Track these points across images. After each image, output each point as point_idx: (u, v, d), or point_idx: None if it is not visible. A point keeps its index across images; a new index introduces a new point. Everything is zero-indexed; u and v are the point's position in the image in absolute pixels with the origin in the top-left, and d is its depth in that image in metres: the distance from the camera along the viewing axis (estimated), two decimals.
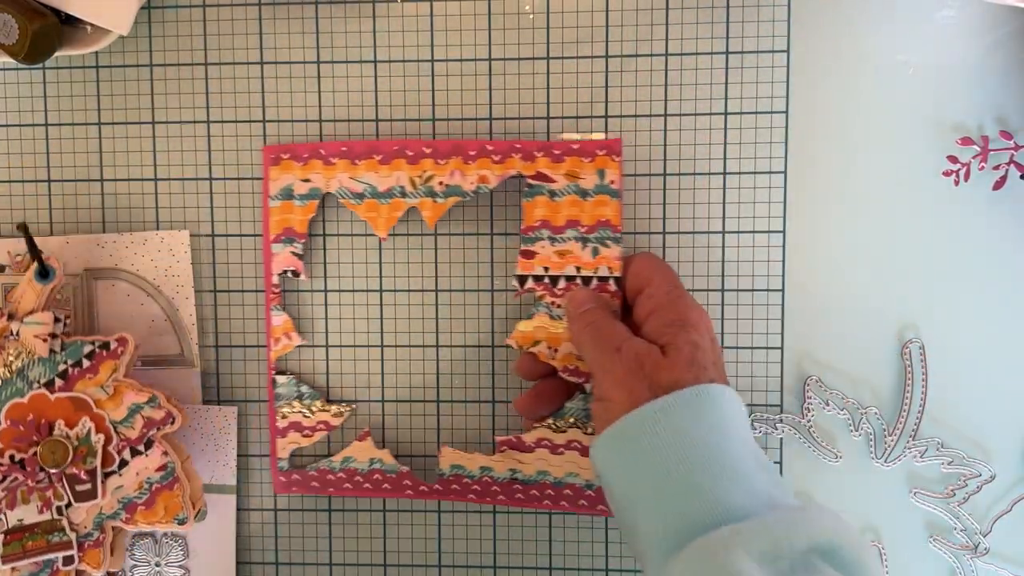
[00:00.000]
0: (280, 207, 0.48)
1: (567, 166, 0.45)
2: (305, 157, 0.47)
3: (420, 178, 0.46)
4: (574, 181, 0.45)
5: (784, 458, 0.48)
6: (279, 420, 0.49)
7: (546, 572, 0.50)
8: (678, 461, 0.36)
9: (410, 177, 0.47)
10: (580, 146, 0.45)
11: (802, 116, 0.46)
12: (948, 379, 0.46)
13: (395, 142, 0.47)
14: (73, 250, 0.50)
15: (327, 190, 0.47)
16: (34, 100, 0.50)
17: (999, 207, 0.46)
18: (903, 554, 0.47)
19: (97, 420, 0.46)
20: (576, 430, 0.46)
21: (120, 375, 0.46)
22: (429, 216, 0.47)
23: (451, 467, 0.48)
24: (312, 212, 0.48)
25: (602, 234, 0.45)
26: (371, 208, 0.47)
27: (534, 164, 0.46)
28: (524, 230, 0.46)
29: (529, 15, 0.47)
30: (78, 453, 0.45)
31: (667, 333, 0.40)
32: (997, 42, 0.45)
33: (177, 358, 0.50)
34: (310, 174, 0.47)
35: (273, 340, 0.49)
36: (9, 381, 0.45)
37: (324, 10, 0.48)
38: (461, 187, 0.46)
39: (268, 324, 0.49)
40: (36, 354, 0.45)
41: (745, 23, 0.46)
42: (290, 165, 0.47)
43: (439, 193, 0.46)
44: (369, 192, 0.47)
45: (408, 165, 0.46)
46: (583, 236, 0.45)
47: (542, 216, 0.46)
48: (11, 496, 0.46)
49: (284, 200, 0.47)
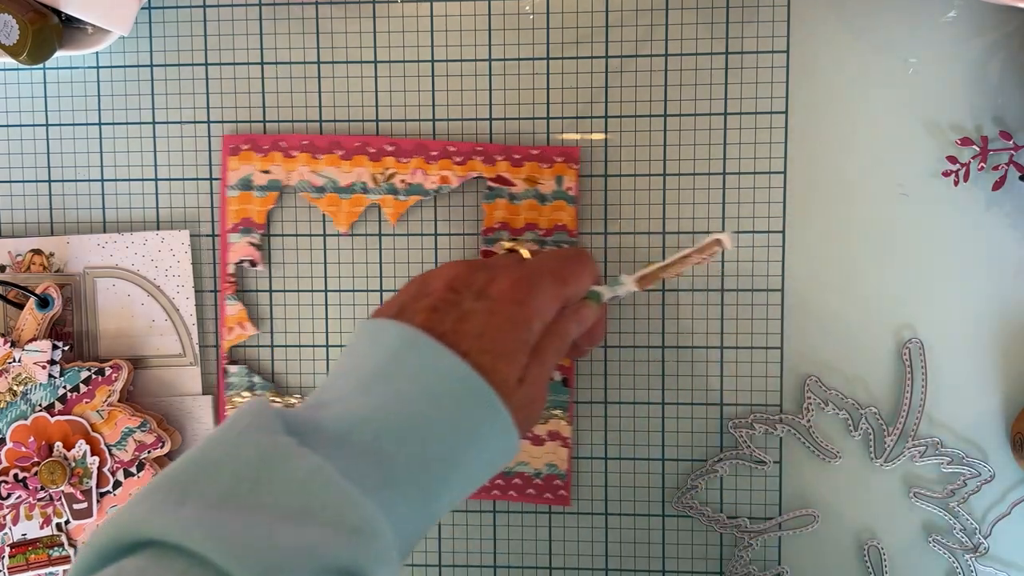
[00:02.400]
0: (238, 197, 0.48)
1: (527, 171, 0.46)
2: (265, 148, 0.48)
3: (382, 175, 0.47)
4: (533, 186, 0.47)
5: (784, 458, 0.48)
6: (228, 409, 0.49)
7: (546, 572, 0.50)
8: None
9: (372, 174, 0.47)
10: (540, 152, 0.46)
11: (802, 116, 0.46)
12: (947, 379, 0.46)
13: (357, 138, 0.47)
14: (73, 250, 0.50)
15: (287, 183, 0.48)
16: (34, 100, 0.50)
17: (999, 207, 0.46)
18: (902, 554, 0.47)
19: (93, 443, 0.48)
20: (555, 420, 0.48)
21: (114, 400, 0.48)
22: (391, 213, 0.47)
23: None
24: (271, 204, 0.48)
25: (558, 238, 0.47)
26: (332, 202, 0.48)
27: (495, 168, 0.47)
28: (484, 231, 0.47)
29: (529, 15, 0.47)
30: (75, 474, 0.48)
31: None
32: (997, 42, 0.45)
33: (177, 358, 0.50)
34: (270, 166, 0.48)
35: (226, 329, 0.49)
36: (14, 404, 0.48)
37: (324, 10, 0.48)
38: (423, 186, 0.47)
39: (222, 313, 0.49)
40: (36, 380, 0.47)
41: (745, 23, 0.46)
42: (250, 156, 0.48)
43: (401, 191, 0.47)
44: (330, 186, 0.47)
45: (370, 162, 0.47)
46: (540, 239, 0.47)
47: (502, 218, 0.47)
48: (15, 512, 0.48)
49: (243, 190, 0.48)
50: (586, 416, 0.48)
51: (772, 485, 0.48)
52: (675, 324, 0.48)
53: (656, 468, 0.48)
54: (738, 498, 0.48)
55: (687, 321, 0.48)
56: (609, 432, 0.48)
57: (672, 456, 0.48)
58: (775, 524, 0.48)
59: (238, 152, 0.48)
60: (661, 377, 0.48)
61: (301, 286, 0.49)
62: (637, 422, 0.48)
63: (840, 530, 0.48)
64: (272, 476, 0.28)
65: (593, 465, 0.49)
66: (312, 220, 0.49)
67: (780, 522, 0.48)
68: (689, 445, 0.48)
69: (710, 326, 0.47)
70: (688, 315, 0.48)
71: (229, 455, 0.29)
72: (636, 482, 0.49)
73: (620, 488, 0.49)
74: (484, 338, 0.34)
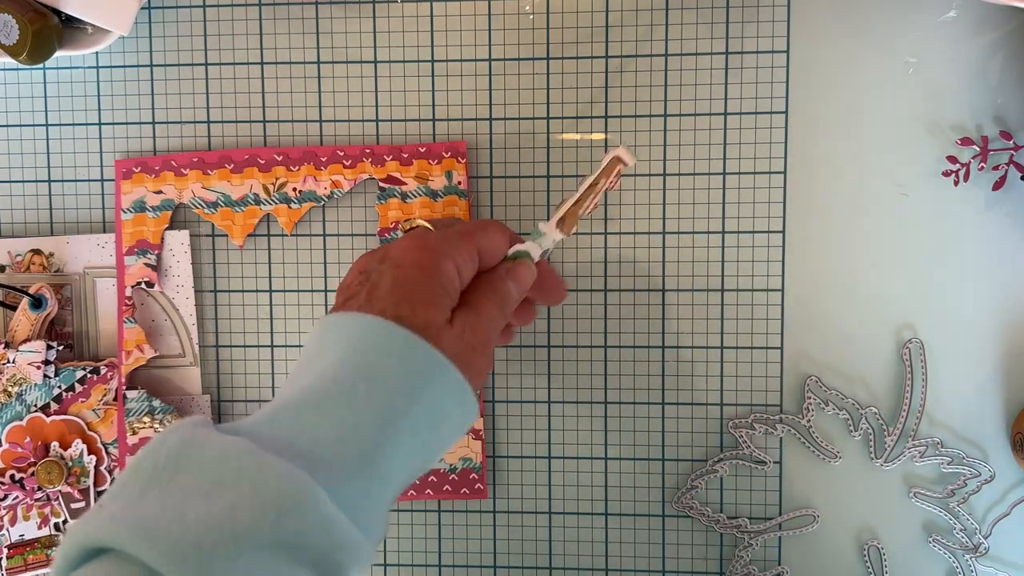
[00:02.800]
0: (133, 219, 0.48)
1: (416, 169, 0.47)
2: (156, 169, 0.48)
3: (273, 185, 0.48)
4: (424, 183, 0.47)
5: (784, 458, 0.48)
6: (129, 436, 0.48)
7: (546, 572, 0.50)
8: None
9: (263, 184, 0.48)
10: (427, 149, 0.47)
11: (802, 116, 0.46)
12: (947, 379, 0.46)
13: (246, 151, 0.48)
14: (73, 250, 0.50)
15: (180, 200, 0.48)
16: (34, 100, 0.50)
17: (999, 207, 0.46)
18: (902, 554, 0.47)
19: (89, 441, 0.48)
20: None
21: (110, 398, 0.48)
22: (285, 222, 0.48)
23: None
24: (165, 223, 0.48)
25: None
26: (225, 216, 0.48)
27: (384, 168, 0.47)
28: (380, 231, 0.48)
29: (529, 15, 0.47)
30: (72, 473, 0.48)
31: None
32: (997, 42, 0.45)
33: (177, 358, 0.50)
34: (162, 186, 0.48)
35: (125, 353, 0.49)
36: (8, 405, 0.48)
37: (324, 10, 0.48)
38: (315, 192, 0.48)
39: (120, 337, 0.49)
40: (31, 380, 0.47)
41: (745, 23, 0.46)
42: (141, 178, 0.48)
43: (293, 199, 0.48)
44: (223, 200, 0.48)
45: (260, 173, 0.48)
46: None
47: (396, 217, 0.47)
48: (12, 513, 0.48)
49: (137, 212, 0.48)
50: (586, 416, 0.48)
51: (772, 485, 0.48)
52: (675, 324, 0.48)
53: (656, 468, 0.48)
54: (738, 498, 0.48)
55: (687, 321, 0.48)
56: (609, 432, 0.48)
57: (672, 456, 0.48)
58: (775, 524, 0.48)
59: (130, 175, 0.48)
60: (661, 377, 0.48)
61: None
62: (637, 422, 0.48)
63: (840, 530, 0.48)
64: (190, 460, 0.28)
65: (593, 465, 0.49)
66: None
67: (780, 522, 0.48)
68: (689, 445, 0.48)
69: (710, 326, 0.47)
70: (688, 315, 0.48)
71: (152, 451, 0.29)
72: (636, 482, 0.49)
73: (620, 488, 0.49)
74: (395, 291, 0.34)
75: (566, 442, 0.49)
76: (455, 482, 0.48)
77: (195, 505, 0.27)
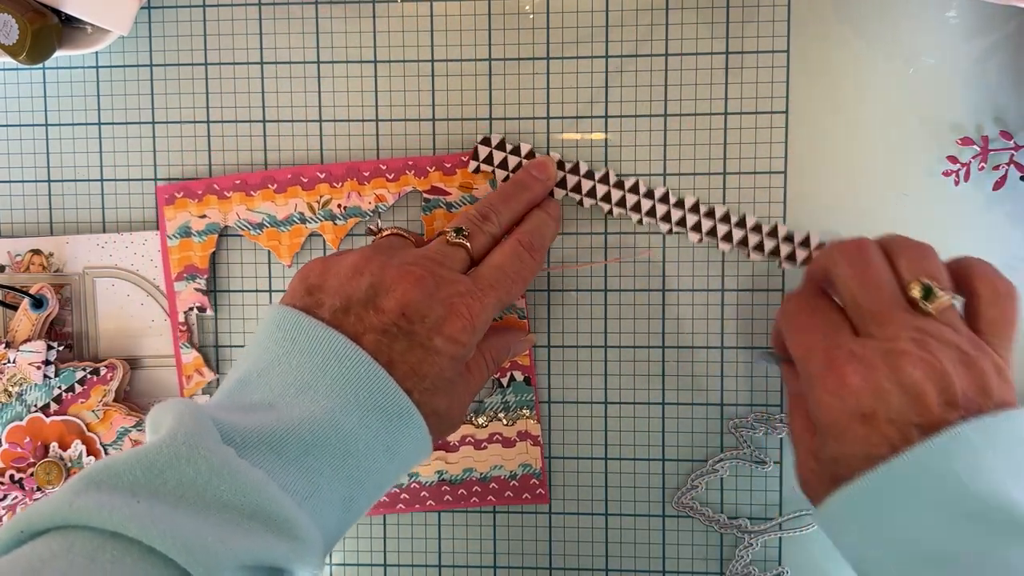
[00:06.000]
0: (179, 245, 0.48)
1: (459, 178, 0.47)
2: (199, 193, 0.48)
3: (318, 203, 0.47)
4: (468, 192, 0.47)
5: (784, 458, 0.48)
6: None
7: (546, 572, 0.50)
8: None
9: (308, 203, 0.47)
10: (469, 158, 0.47)
11: (802, 116, 0.46)
12: None
13: (288, 170, 0.47)
14: (72, 250, 0.50)
15: (225, 223, 0.48)
16: (34, 100, 0.50)
17: (999, 207, 0.46)
18: None
19: (88, 443, 0.48)
20: (498, 423, 0.48)
21: (110, 400, 0.48)
22: (332, 239, 0.48)
23: None
24: (212, 247, 0.48)
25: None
26: (272, 237, 0.48)
27: (427, 179, 0.47)
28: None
29: (529, 15, 0.47)
30: (71, 474, 0.48)
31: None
32: (997, 42, 0.45)
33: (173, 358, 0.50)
34: (206, 210, 0.48)
35: (185, 378, 0.49)
36: (9, 405, 0.48)
37: (324, 10, 0.48)
38: (360, 207, 0.47)
39: (178, 362, 0.49)
40: (31, 380, 0.47)
41: (745, 23, 0.46)
42: (185, 203, 0.48)
43: (339, 215, 0.47)
44: (268, 221, 0.48)
45: (304, 191, 0.47)
46: None
47: (442, 228, 0.47)
48: (11, 513, 0.48)
49: (183, 238, 0.48)
50: (586, 416, 0.48)
51: (772, 485, 0.48)
52: (675, 324, 0.48)
53: (656, 468, 0.48)
54: (738, 498, 0.48)
55: (687, 321, 0.48)
56: (609, 432, 0.48)
57: (672, 456, 0.48)
58: (775, 524, 0.48)
59: (173, 201, 0.48)
60: (661, 377, 0.48)
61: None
62: (637, 422, 0.48)
63: None
64: (219, 486, 0.30)
65: (593, 465, 0.49)
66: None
67: (780, 522, 0.48)
68: (689, 445, 0.48)
69: (710, 326, 0.47)
70: (688, 315, 0.48)
71: (176, 462, 0.30)
72: (636, 482, 0.49)
73: (620, 488, 0.49)
74: (427, 379, 0.36)
75: (566, 442, 0.49)
76: (516, 488, 0.48)
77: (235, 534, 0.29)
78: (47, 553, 0.27)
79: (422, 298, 0.36)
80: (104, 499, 0.28)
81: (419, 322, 0.36)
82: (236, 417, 0.33)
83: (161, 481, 0.29)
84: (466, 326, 0.37)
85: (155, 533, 0.27)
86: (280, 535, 0.30)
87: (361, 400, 0.34)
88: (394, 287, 0.36)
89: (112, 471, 0.30)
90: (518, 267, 0.40)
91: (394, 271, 0.37)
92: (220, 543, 0.28)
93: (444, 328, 0.36)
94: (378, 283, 0.36)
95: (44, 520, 0.29)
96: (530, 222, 0.43)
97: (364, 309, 0.36)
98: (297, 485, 0.32)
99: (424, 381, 0.36)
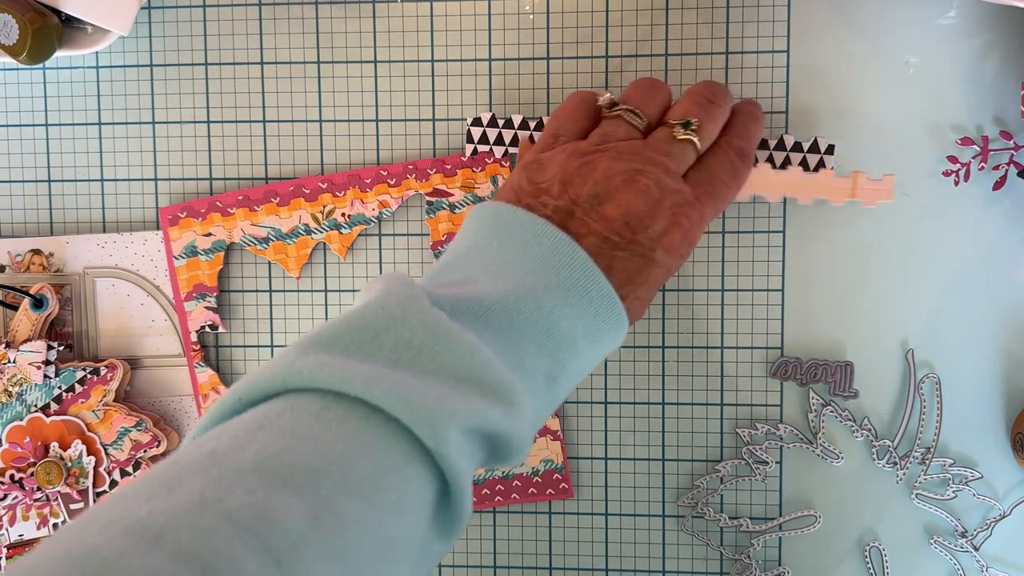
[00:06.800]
0: (186, 265, 0.48)
1: (460, 178, 0.47)
2: (202, 212, 0.48)
3: (322, 213, 0.47)
4: (470, 191, 0.47)
5: (785, 459, 0.48)
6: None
7: (546, 572, 0.50)
8: None
9: (312, 213, 0.47)
10: (470, 158, 0.46)
11: (802, 116, 0.46)
12: (947, 379, 0.46)
13: (290, 183, 0.48)
14: (73, 250, 0.50)
15: (231, 240, 0.48)
16: (34, 100, 0.50)
17: (999, 207, 0.46)
18: (903, 555, 0.47)
19: (88, 442, 0.48)
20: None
21: (110, 400, 0.48)
22: (338, 248, 0.48)
23: None
24: (220, 264, 0.48)
25: None
26: (279, 250, 0.48)
27: (429, 182, 0.47)
28: (433, 245, 0.47)
29: (529, 15, 0.47)
30: (71, 474, 0.48)
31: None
32: (997, 42, 0.45)
33: (176, 358, 0.50)
34: (210, 228, 0.48)
35: (201, 397, 0.49)
36: (9, 405, 0.48)
37: (324, 10, 0.48)
38: (363, 215, 0.47)
39: (193, 382, 0.49)
40: (31, 380, 0.47)
41: (745, 23, 0.46)
42: (189, 223, 0.48)
43: (343, 224, 0.47)
44: (274, 234, 0.48)
45: (307, 203, 0.47)
46: None
47: (447, 230, 0.47)
48: (12, 513, 0.48)
49: (189, 257, 0.48)
50: (586, 416, 0.48)
51: (773, 486, 0.48)
52: (675, 324, 0.48)
53: (656, 468, 0.48)
54: (739, 498, 0.48)
55: (687, 321, 0.48)
56: (609, 432, 0.48)
57: (672, 456, 0.48)
58: (776, 525, 0.48)
59: (176, 221, 0.48)
60: (661, 377, 0.48)
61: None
62: (637, 422, 0.48)
63: (841, 531, 0.48)
64: (434, 347, 0.29)
65: (593, 465, 0.49)
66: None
67: (781, 523, 0.48)
68: (690, 446, 0.48)
69: (710, 326, 0.47)
70: (688, 315, 0.48)
71: (391, 323, 0.30)
72: (636, 482, 0.49)
73: (620, 488, 0.49)
74: (639, 288, 0.36)
75: (565, 442, 0.49)
76: (539, 484, 0.48)
77: (452, 394, 0.29)
78: (272, 413, 0.27)
79: (646, 208, 0.35)
80: (325, 359, 0.28)
81: (642, 232, 0.35)
82: (440, 290, 0.33)
83: (377, 344, 0.29)
84: (686, 237, 0.36)
85: (379, 392, 0.27)
86: (495, 399, 0.29)
87: (562, 280, 0.34)
88: (618, 195, 0.36)
89: (330, 335, 0.30)
90: (732, 175, 0.39)
91: (620, 178, 0.36)
92: (442, 402, 0.28)
93: (664, 239, 0.36)
94: (603, 192, 0.36)
95: (267, 382, 0.29)
96: (739, 123, 0.40)
97: (586, 215, 0.36)
98: (505, 354, 0.31)
99: (639, 289, 0.36)
